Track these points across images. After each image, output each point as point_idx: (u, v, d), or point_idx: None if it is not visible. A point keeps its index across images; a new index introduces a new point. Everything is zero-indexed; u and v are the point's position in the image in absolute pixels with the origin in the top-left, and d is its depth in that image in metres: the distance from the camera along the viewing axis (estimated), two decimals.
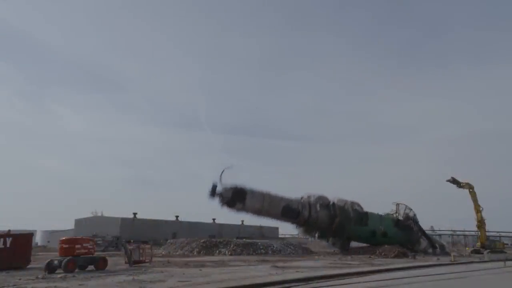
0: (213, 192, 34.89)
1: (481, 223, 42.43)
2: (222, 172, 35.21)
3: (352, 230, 41.76)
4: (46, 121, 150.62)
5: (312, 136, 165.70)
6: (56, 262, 19.27)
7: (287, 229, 73.53)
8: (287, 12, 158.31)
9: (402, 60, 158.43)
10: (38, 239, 72.48)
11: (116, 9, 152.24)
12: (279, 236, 77.40)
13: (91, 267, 20.53)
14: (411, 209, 46.32)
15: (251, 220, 56.51)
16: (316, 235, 44.59)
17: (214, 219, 71.45)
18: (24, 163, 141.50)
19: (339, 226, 40.63)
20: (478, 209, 42.50)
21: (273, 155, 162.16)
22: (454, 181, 43.27)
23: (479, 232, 43.37)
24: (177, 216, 68.37)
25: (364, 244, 43.72)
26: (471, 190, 42.63)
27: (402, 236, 43.49)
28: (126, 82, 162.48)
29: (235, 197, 35.68)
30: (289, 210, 39.07)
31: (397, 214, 46.60)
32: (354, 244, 44.40)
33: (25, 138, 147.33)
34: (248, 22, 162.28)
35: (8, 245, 22.09)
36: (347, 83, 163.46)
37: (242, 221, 72.83)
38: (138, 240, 30.68)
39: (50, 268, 18.96)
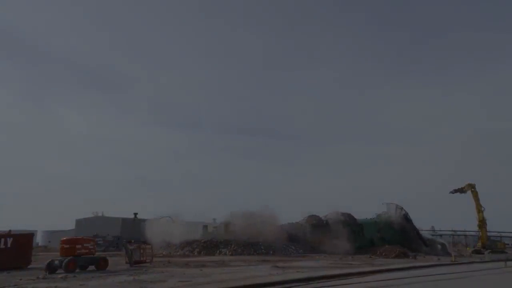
0: None
1: (482, 223, 42.42)
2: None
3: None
4: (46, 121, 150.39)
5: (312, 136, 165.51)
6: (57, 262, 19.30)
7: None
8: (288, 11, 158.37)
9: (402, 60, 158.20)
10: (39, 239, 72.45)
11: (116, 9, 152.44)
12: None
13: (91, 267, 20.56)
14: (402, 208, 46.29)
15: None
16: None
17: (214, 219, 71.40)
18: (24, 163, 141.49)
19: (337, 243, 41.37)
20: (479, 209, 42.48)
21: (273, 155, 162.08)
22: (456, 190, 43.56)
23: (480, 232, 43.35)
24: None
25: None
26: (472, 189, 42.70)
27: (399, 237, 43.58)
28: (127, 82, 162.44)
29: None
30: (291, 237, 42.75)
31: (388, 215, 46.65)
32: None
33: (25, 138, 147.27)
34: (248, 22, 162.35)
35: (8, 245, 22.14)
36: (347, 83, 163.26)
37: None
38: (138, 240, 30.69)
39: (51, 268, 18.98)
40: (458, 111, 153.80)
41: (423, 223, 47.98)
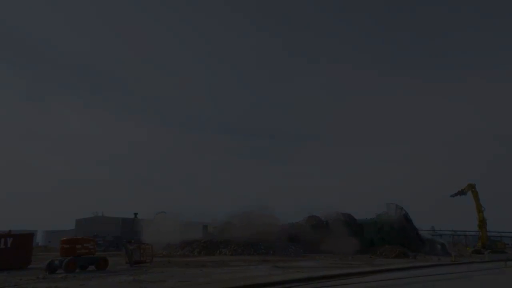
0: None
1: (482, 223, 42.47)
2: None
3: None
4: (46, 121, 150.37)
5: (312, 136, 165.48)
6: (57, 262, 19.31)
7: None
8: (288, 11, 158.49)
9: (402, 60, 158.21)
10: (39, 239, 72.37)
11: (116, 9, 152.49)
12: None
13: (92, 267, 20.56)
14: (402, 208, 46.28)
15: None
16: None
17: (214, 219, 71.13)
18: (24, 163, 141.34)
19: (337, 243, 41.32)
20: (480, 209, 42.54)
21: (273, 155, 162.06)
22: (457, 193, 43.66)
23: (480, 232, 43.38)
24: None
25: None
26: (473, 190, 42.79)
27: (399, 237, 43.62)
28: (127, 82, 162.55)
29: None
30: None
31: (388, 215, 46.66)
32: None
33: (26, 138, 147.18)
34: (248, 22, 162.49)
35: (9, 245, 22.15)
36: (347, 83, 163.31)
37: None
38: (138, 240, 30.68)
39: (51, 268, 18.99)
40: (458, 111, 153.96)
41: (423, 223, 47.88)
